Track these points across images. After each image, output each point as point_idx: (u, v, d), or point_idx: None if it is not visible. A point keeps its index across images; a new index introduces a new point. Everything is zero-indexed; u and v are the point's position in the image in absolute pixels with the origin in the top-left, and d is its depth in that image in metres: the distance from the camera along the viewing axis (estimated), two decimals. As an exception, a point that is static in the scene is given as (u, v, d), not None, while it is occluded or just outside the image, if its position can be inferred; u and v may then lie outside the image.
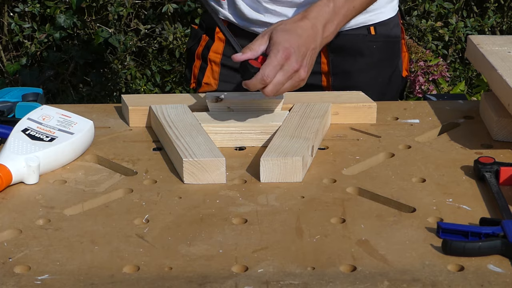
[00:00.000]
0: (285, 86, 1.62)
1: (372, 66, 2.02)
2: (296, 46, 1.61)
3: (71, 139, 1.57)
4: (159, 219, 1.37)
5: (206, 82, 2.06)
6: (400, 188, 1.46)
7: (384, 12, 2.01)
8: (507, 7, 4.18)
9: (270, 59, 1.59)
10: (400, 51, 2.09)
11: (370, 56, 2.01)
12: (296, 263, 1.23)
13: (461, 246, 1.24)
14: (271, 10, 1.94)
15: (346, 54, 1.96)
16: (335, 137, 1.69)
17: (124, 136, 1.70)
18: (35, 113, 1.61)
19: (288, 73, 1.60)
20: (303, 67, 1.62)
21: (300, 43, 1.62)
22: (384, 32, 2.02)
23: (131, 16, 4.04)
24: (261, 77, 1.58)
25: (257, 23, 1.97)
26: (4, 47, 4.08)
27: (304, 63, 1.62)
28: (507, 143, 1.63)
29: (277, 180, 1.49)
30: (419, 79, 3.34)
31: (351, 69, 1.99)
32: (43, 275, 1.21)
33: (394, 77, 2.07)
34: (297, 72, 1.61)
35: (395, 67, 2.07)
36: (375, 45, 2.02)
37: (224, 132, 1.64)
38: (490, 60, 1.70)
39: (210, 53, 2.03)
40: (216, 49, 2.03)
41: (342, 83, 1.98)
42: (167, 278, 1.20)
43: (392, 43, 2.06)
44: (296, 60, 1.60)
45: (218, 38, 2.02)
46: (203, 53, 2.04)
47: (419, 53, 3.39)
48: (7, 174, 1.46)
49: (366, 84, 1.99)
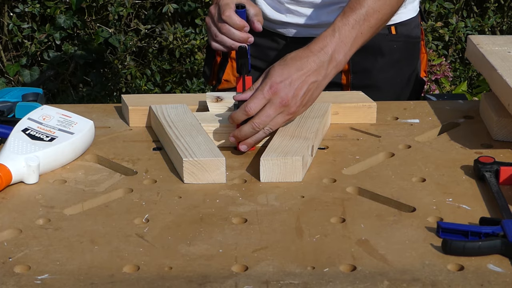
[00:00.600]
0: (276, 119, 1.59)
1: (392, 65, 2.02)
2: (289, 79, 1.58)
3: (71, 139, 1.57)
4: (159, 219, 1.37)
5: (226, 79, 2.07)
6: (400, 188, 1.46)
7: (405, 12, 2.01)
8: (507, 7, 4.18)
9: (256, 92, 1.58)
10: (420, 52, 2.09)
11: (390, 55, 2.01)
12: (296, 263, 1.23)
13: (461, 246, 1.24)
14: (292, 10, 1.95)
15: (366, 53, 1.92)
16: (335, 137, 1.69)
17: (124, 136, 1.70)
18: (36, 113, 1.61)
19: (277, 106, 1.57)
20: (294, 101, 1.58)
21: (297, 76, 1.59)
22: (405, 32, 2.02)
23: (131, 16, 4.04)
24: (243, 108, 1.57)
25: (278, 23, 1.98)
26: (4, 47, 4.08)
27: (297, 97, 1.59)
28: (507, 143, 1.64)
29: (277, 180, 1.49)
30: None
31: (371, 67, 1.99)
32: (43, 275, 1.21)
33: (413, 77, 2.07)
34: (287, 106, 1.58)
35: (414, 68, 2.07)
36: (395, 44, 2.02)
37: (224, 132, 1.64)
38: (490, 60, 1.70)
39: None
40: None
41: (361, 82, 1.98)
42: (167, 277, 1.20)
43: (412, 44, 2.06)
44: (285, 94, 1.57)
45: None
46: None
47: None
48: (7, 173, 1.46)
49: (385, 83, 1.99)
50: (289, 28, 1.99)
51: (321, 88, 1.64)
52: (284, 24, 1.97)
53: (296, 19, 1.95)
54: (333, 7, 1.94)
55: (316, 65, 1.61)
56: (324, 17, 1.95)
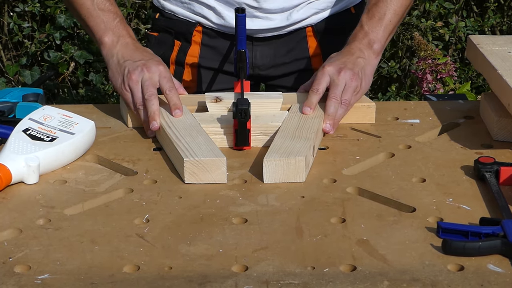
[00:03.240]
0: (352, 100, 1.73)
1: None
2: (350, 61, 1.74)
3: (71, 139, 1.57)
4: (159, 219, 1.37)
5: (185, 86, 2.07)
6: (400, 188, 1.47)
7: None
8: (507, 7, 4.18)
9: None
10: None
11: None
12: (296, 263, 1.23)
13: (461, 246, 1.24)
14: (260, 16, 1.96)
15: (332, 35, 2.01)
16: (335, 137, 1.69)
17: (125, 136, 1.70)
18: (37, 113, 1.61)
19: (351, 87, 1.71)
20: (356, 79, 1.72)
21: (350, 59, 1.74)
22: (360, 12, 2.06)
23: (131, 16, 4.04)
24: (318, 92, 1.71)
25: None
26: (4, 47, 4.08)
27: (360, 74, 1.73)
28: (507, 143, 1.64)
29: (280, 181, 1.49)
30: (427, 77, 3.33)
31: (339, 49, 2.03)
32: (43, 275, 1.21)
33: None
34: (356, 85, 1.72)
35: None
36: (357, 23, 2.07)
37: (224, 132, 1.64)
38: (490, 60, 1.70)
39: (187, 57, 2.04)
40: (193, 52, 2.04)
41: None
42: (167, 277, 1.20)
43: None
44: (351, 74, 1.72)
45: (194, 41, 2.04)
46: (178, 58, 2.05)
47: (428, 50, 3.38)
48: (6, 173, 1.46)
49: None
50: (254, 29, 2.00)
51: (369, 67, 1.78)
52: (249, 30, 1.99)
53: (264, 24, 1.97)
54: (302, 4, 1.97)
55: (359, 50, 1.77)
56: (294, 15, 1.99)
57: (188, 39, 2.03)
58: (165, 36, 2.06)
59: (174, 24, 2.05)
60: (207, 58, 2.04)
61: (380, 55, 1.82)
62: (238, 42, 1.77)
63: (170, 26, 2.05)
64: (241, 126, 1.60)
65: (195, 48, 2.04)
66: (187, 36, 2.03)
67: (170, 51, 2.05)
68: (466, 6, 4.17)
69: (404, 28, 3.95)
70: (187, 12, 2.01)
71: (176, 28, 2.04)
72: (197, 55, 2.04)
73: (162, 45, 2.06)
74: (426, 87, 3.34)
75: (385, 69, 3.99)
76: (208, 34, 2.02)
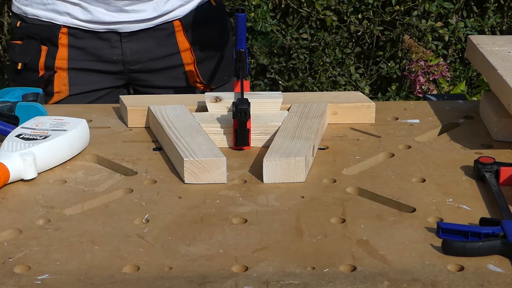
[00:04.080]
0: None
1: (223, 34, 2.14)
2: None
3: (65, 134, 1.58)
4: (159, 219, 1.37)
5: (57, 90, 2.07)
6: (400, 188, 1.46)
7: None
8: (507, 7, 4.18)
9: None
10: None
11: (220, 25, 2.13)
12: (296, 263, 1.23)
13: (461, 246, 1.24)
14: (128, 10, 1.99)
15: (198, 28, 2.05)
16: (335, 137, 1.69)
17: (124, 136, 1.70)
18: (28, 123, 1.63)
19: None
20: None
21: None
22: (220, 3, 2.14)
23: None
24: None
25: (110, 24, 2.02)
26: (4, 47, 4.08)
27: None
28: (507, 143, 1.64)
29: (280, 181, 1.49)
30: (419, 79, 3.34)
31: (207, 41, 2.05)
32: (43, 275, 1.21)
33: None
34: None
35: None
36: (220, 14, 2.14)
37: (224, 132, 1.64)
38: (490, 60, 1.70)
39: (56, 61, 2.04)
40: (61, 55, 2.04)
41: (206, 55, 2.10)
42: (167, 278, 1.20)
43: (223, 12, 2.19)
44: None
45: (61, 44, 2.04)
46: (47, 63, 2.04)
47: (420, 53, 3.39)
48: (4, 171, 1.46)
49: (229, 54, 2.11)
50: (124, 25, 2.01)
51: None
52: (118, 23, 2.00)
53: (133, 16, 1.99)
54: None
55: None
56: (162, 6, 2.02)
57: (55, 43, 2.03)
58: (30, 43, 2.05)
59: (39, 29, 2.04)
60: (76, 59, 2.04)
61: None
62: (238, 42, 1.77)
63: (34, 32, 2.05)
64: (241, 126, 1.60)
65: (63, 51, 2.04)
66: (53, 40, 2.03)
67: (38, 56, 2.04)
68: (466, 6, 4.17)
69: (404, 28, 3.94)
70: (51, 13, 2.01)
71: (41, 33, 2.04)
72: (66, 57, 2.04)
73: (28, 52, 2.05)
74: (419, 89, 3.35)
75: (384, 69, 3.99)
76: (74, 35, 2.02)
